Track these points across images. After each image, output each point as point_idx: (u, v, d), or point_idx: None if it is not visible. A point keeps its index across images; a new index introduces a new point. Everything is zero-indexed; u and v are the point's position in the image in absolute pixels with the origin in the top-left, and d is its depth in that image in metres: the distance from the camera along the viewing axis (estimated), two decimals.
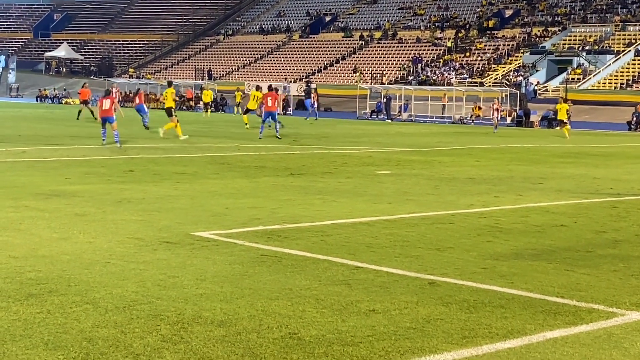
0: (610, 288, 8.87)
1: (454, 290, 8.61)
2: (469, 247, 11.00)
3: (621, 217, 14.26)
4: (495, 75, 72.37)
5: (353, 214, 13.57)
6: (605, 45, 72.33)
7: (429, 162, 24.32)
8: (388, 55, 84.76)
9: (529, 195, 16.91)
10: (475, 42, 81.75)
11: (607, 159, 27.36)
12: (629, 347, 6.81)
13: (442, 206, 14.93)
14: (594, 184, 19.49)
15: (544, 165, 24.52)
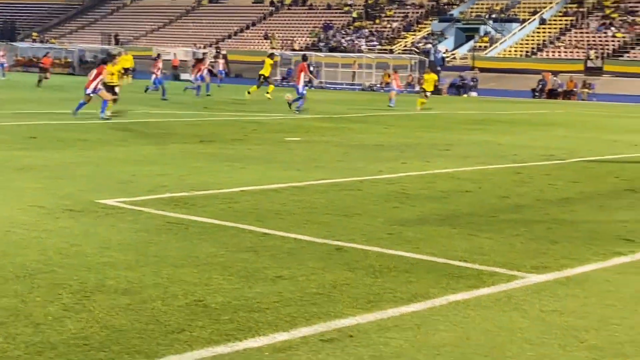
0: (511, 252, 9.07)
1: (361, 255, 8.69)
2: (376, 213, 11.10)
3: (524, 182, 14.57)
4: (405, 42, 72.85)
5: (262, 181, 13.55)
6: (512, 14, 73.37)
7: (339, 129, 24.41)
8: (299, 21, 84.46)
9: (436, 161, 17.13)
10: (385, 9, 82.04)
11: (512, 126, 27.88)
12: (528, 309, 6.98)
13: (351, 173, 15.01)
14: (499, 150, 19.84)
15: (451, 132, 24.85)
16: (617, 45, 64.38)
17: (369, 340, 6.05)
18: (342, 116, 30.16)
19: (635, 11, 67.99)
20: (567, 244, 9.56)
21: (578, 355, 5.92)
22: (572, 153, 19.50)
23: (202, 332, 6.10)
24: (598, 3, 70.98)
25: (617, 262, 8.77)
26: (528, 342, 6.15)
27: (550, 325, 6.57)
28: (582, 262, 8.69)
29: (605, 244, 9.57)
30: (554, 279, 8.00)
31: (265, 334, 6.11)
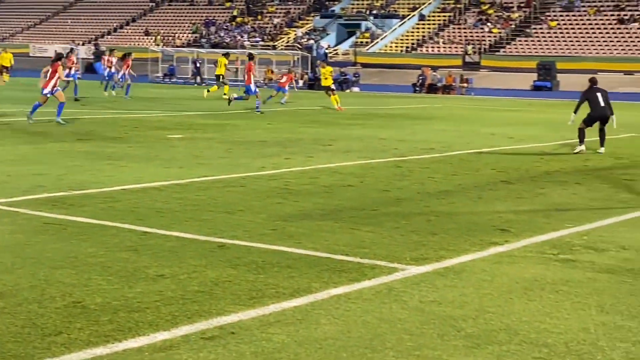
0: (392, 244, 9.21)
1: (243, 252, 8.69)
2: (259, 209, 11.11)
3: (404, 176, 14.81)
4: (288, 38, 73.03)
5: (143, 179, 13.39)
6: (391, 10, 74.42)
7: (222, 126, 24.30)
8: (180, 17, 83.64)
9: (319, 156, 17.24)
10: (267, 5, 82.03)
11: (393, 121, 28.25)
12: (408, 300, 7.10)
13: (234, 169, 14.98)
14: (380, 144, 20.09)
15: (333, 127, 25.03)
16: (494, 40, 66.04)
17: (251, 337, 6.05)
18: (225, 112, 30.00)
19: (510, 7, 69.87)
20: (445, 235, 9.76)
21: (455, 344, 6.06)
22: (451, 146, 19.90)
23: (80, 334, 5.99)
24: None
25: (493, 251, 9.01)
26: (407, 333, 6.25)
27: (429, 315, 6.70)
28: (460, 252, 8.90)
29: (482, 235, 9.81)
30: (433, 270, 8.16)
31: (146, 334, 6.04)
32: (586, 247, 9.27)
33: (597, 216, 11.19)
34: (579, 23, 65.57)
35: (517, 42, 65.14)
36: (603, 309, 6.99)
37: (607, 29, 63.66)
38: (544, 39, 64.68)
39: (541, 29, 66.08)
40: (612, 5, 66.18)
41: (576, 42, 63.09)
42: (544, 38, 64.84)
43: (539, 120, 29.69)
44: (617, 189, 13.78)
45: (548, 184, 14.18)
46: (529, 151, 19.38)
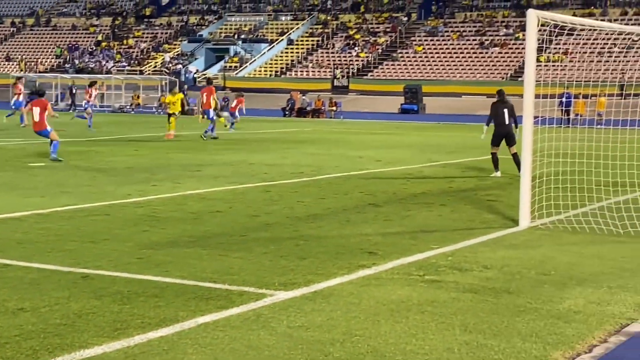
0: (261, 270, 9.22)
1: (108, 282, 8.53)
2: (124, 238, 10.94)
3: (274, 200, 14.85)
4: (155, 63, 72.40)
5: (2, 210, 13.00)
6: (260, 34, 74.84)
7: (86, 153, 23.83)
8: (42, 42, 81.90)
9: (187, 182, 17.12)
10: (133, 29, 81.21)
11: (263, 145, 28.32)
12: (276, 326, 7.12)
13: (99, 197, 14.69)
14: (250, 169, 20.10)
15: (202, 152, 24.90)
16: (361, 64, 67.19)
17: None
18: (90, 139, 29.46)
19: (376, 32, 71.27)
20: (314, 259, 9.83)
21: None
22: (320, 170, 20.08)
23: None
24: (342, 24, 73.80)
25: (361, 274, 9.12)
26: (275, 359, 6.26)
27: (297, 340, 6.73)
28: (329, 276, 8.97)
29: (350, 258, 9.93)
30: (301, 295, 8.20)
31: None
32: (451, 268, 9.50)
33: (461, 237, 11.49)
34: (443, 48, 67.46)
35: (384, 66, 66.48)
36: (467, 329, 7.17)
37: (469, 53, 65.67)
38: (410, 63, 66.22)
39: (407, 53, 67.67)
40: (473, 31, 68.36)
41: (441, 66, 64.85)
42: (410, 62, 66.39)
43: (406, 143, 30.30)
44: (480, 209, 14.18)
45: (414, 206, 14.48)
46: (397, 174, 19.73)
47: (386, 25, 72.11)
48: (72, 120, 37.84)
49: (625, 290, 8.61)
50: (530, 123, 12.35)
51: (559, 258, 10.21)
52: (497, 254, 10.40)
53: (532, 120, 12.41)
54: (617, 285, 8.85)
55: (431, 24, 70.73)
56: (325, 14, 76.16)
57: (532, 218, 12.53)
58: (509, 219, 12.93)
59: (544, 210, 12.98)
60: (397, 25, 71.40)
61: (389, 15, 73.45)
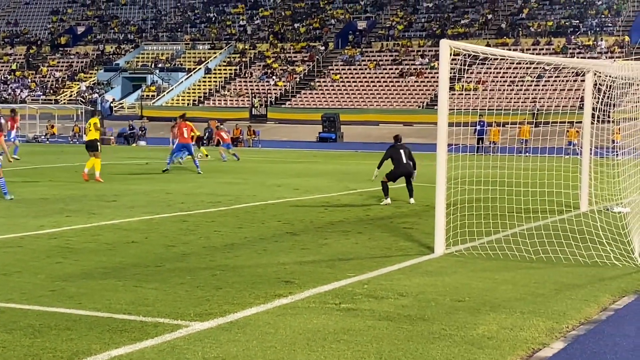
0: (176, 301, 9.13)
1: (19, 315, 8.35)
2: (37, 270, 10.74)
3: (190, 230, 14.74)
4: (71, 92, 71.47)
5: None
6: (178, 63, 74.56)
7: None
8: None
9: (102, 213, 16.89)
10: (48, 58, 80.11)
11: (179, 174, 28.10)
12: (191, 358, 7.06)
13: (11, 229, 14.40)
14: (167, 199, 19.92)
15: (118, 182, 24.58)
16: (279, 93, 67.42)
17: None
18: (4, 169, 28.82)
19: (294, 61, 71.63)
20: (230, 289, 9.78)
21: None
22: (238, 199, 20.02)
23: None
24: (259, 53, 74.00)
25: (277, 304, 9.11)
26: None
27: None
28: (245, 306, 8.93)
29: (267, 287, 9.90)
30: (217, 325, 8.14)
31: None
32: (367, 296, 9.55)
33: (377, 264, 11.56)
34: (360, 76, 68.14)
35: (302, 94, 66.84)
36: (382, 356, 7.20)
37: (386, 82, 66.47)
38: (327, 92, 66.70)
39: (325, 82, 68.16)
40: (390, 60, 69.24)
41: (358, 94, 65.47)
42: (328, 91, 66.87)
43: (324, 171, 30.42)
44: (397, 237, 14.30)
45: (332, 234, 14.53)
46: (314, 202, 19.79)
47: (304, 54, 72.58)
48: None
49: (537, 316, 8.77)
50: (444, 150, 12.55)
51: (473, 284, 10.35)
52: (413, 281, 10.49)
53: (446, 148, 12.61)
54: (529, 310, 9.01)
55: (348, 53, 71.43)
56: (242, 43, 76.30)
57: (447, 245, 12.69)
58: (425, 246, 13.08)
59: (459, 237, 13.16)
60: (315, 54, 71.93)
61: (306, 44, 73.95)
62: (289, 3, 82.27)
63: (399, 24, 74.44)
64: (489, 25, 71.16)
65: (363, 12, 77.82)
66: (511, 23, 70.75)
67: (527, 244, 12.66)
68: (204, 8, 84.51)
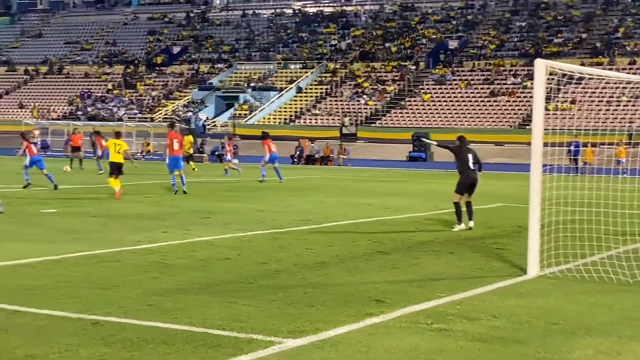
0: (269, 317, 9.20)
1: (118, 329, 8.52)
2: (134, 285, 10.94)
3: (282, 248, 14.84)
4: (166, 110, 72.82)
5: (14, 256, 13.01)
6: (269, 82, 75.28)
7: (97, 200, 23.88)
8: (55, 90, 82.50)
9: (196, 229, 17.13)
10: (144, 77, 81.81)
11: (271, 192, 28.33)
12: None
13: (109, 244, 14.72)
14: (259, 216, 20.10)
15: (211, 199, 24.92)
16: (370, 112, 67.44)
17: None
18: (100, 186, 29.53)
19: (384, 80, 71.61)
20: (322, 307, 9.81)
21: None
22: (328, 217, 20.07)
23: None
24: (350, 72, 74.19)
25: (368, 322, 9.09)
26: None
27: None
28: (337, 324, 8.94)
29: (358, 306, 9.90)
30: (309, 343, 8.17)
31: None
32: (459, 316, 9.46)
33: (469, 285, 11.44)
34: (450, 96, 67.69)
35: (392, 114, 66.70)
36: None
37: (477, 101, 65.88)
38: (417, 111, 66.43)
39: (415, 102, 67.91)
40: (482, 79, 68.63)
41: (449, 114, 65.02)
42: (418, 110, 66.60)
43: (414, 190, 30.28)
44: (489, 257, 14.14)
45: (422, 253, 14.45)
46: (405, 221, 19.72)
47: (394, 73, 72.49)
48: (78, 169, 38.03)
49: (635, 340, 8.56)
50: (539, 171, 12.36)
51: (568, 307, 10.16)
52: (506, 302, 10.35)
53: (541, 169, 12.42)
54: (626, 335, 8.80)
55: (439, 72, 71.08)
56: (333, 62, 76.64)
57: (541, 267, 12.48)
58: (518, 268, 12.89)
59: (553, 259, 12.94)
60: (405, 73, 71.77)
61: (397, 64, 73.85)
62: (380, 23, 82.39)
63: (491, 43, 73.78)
64: (583, 45, 69.99)
65: (455, 32, 77.41)
66: (606, 42, 69.44)
67: (623, 266, 12.37)
68: (296, 28, 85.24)
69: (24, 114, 73.78)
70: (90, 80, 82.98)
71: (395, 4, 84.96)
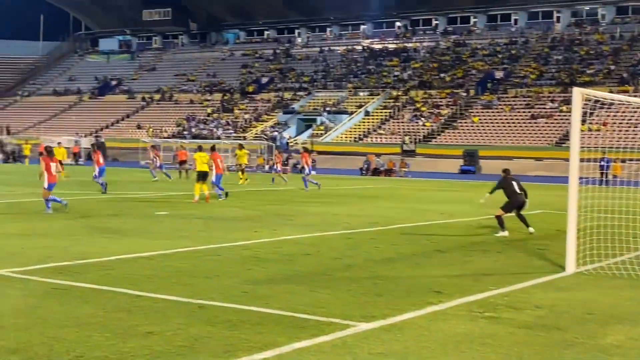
0: (345, 304, 9.18)
1: (220, 311, 8.61)
2: (232, 275, 11.04)
3: (354, 245, 14.81)
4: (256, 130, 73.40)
5: (135, 250, 13.25)
6: (342, 107, 75.33)
7: (201, 204, 24.16)
8: (166, 113, 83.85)
9: (282, 229, 17.20)
10: (238, 103, 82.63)
11: (344, 199, 28.34)
12: (359, 352, 7.08)
13: (211, 241, 14.88)
14: (333, 219, 20.09)
15: (294, 204, 25.02)
16: (427, 132, 66.97)
17: None
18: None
19: (439, 105, 71.10)
20: (389, 296, 9.76)
21: None
22: (393, 220, 19.97)
23: None
24: (410, 99, 73.85)
25: (429, 310, 9.02)
26: None
27: None
28: (402, 311, 8.89)
29: (420, 296, 9.83)
30: (379, 326, 8.14)
31: None
32: (507, 307, 9.33)
33: (515, 280, 11.27)
34: (497, 118, 66.86)
35: (446, 133, 66.14)
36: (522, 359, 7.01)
37: (519, 123, 64.94)
38: (468, 131, 65.75)
39: (466, 123, 67.23)
40: (523, 104, 67.66)
41: (495, 133, 64.20)
42: (468, 130, 65.91)
43: (466, 198, 29.94)
44: (532, 256, 13.90)
45: (474, 252, 14.27)
46: (458, 225, 19.52)
47: (448, 99, 71.87)
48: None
49: None
50: (576, 182, 12.13)
51: (601, 299, 9.94)
52: (548, 295, 10.17)
53: (577, 180, 12.19)
54: None
55: (487, 98, 70.23)
56: (396, 90, 76.33)
57: (578, 265, 12.23)
58: (557, 265, 12.64)
59: (588, 258, 12.66)
60: (458, 99, 71.12)
61: (450, 91, 73.23)
62: (437, 57, 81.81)
63: (531, 74, 72.63)
64: (611, 75, 68.43)
65: (500, 64, 76.43)
66: (632, 73, 67.78)
67: None
68: (364, 61, 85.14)
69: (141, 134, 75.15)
70: (194, 106, 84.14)
71: (449, 40, 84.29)
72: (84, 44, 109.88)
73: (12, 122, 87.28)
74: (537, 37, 79.82)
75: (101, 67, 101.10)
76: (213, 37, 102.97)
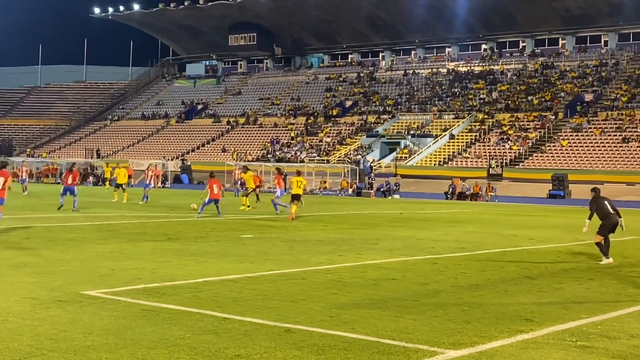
0: (432, 331, 9.09)
1: (306, 335, 8.64)
2: (318, 299, 11.07)
3: (440, 271, 14.67)
4: (339, 154, 73.72)
5: (221, 272, 13.45)
6: (426, 130, 74.96)
7: (285, 227, 24.38)
8: (251, 137, 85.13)
9: (367, 254, 17.17)
10: (322, 127, 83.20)
11: (429, 223, 28.13)
12: None
13: (296, 264, 14.96)
14: (419, 243, 19.96)
15: (378, 228, 24.97)
16: (513, 155, 65.93)
17: None
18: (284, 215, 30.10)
19: (527, 128, 69.95)
20: (478, 323, 9.62)
21: None
22: (480, 246, 19.71)
23: None
24: (496, 122, 72.92)
25: (519, 338, 8.84)
26: None
27: None
28: (491, 339, 8.74)
29: (510, 323, 9.65)
30: (468, 354, 8.02)
31: None
32: (600, 335, 9.07)
33: (608, 308, 10.95)
34: (587, 142, 65.34)
35: (533, 157, 64.97)
36: None
37: (611, 147, 63.30)
38: (557, 155, 64.44)
39: (554, 147, 65.93)
40: (615, 127, 65.96)
41: (585, 157, 62.73)
42: (557, 154, 64.60)
43: (555, 224, 29.33)
44: (625, 284, 13.49)
45: (565, 279, 13.94)
46: (547, 251, 19.11)
47: (536, 122, 70.68)
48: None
49: None
50: None
51: None
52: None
53: None
54: None
55: (576, 121, 68.80)
56: (482, 113, 75.55)
57: None
58: None
59: None
60: (546, 122, 69.85)
61: (538, 114, 72.03)
62: (524, 79, 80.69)
63: (623, 96, 70.83)
64: None
65: (590, 86, 74.84)
66: None
67: None
68: (449, 84, 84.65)
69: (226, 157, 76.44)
70: (278, 129, 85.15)
71: (537, 63, 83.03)
72: (171, 69, 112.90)
73: (102, 146, 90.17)
74: (629, 59, 77.87)
75: (188, 92, 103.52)
76: (297, 61, 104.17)
